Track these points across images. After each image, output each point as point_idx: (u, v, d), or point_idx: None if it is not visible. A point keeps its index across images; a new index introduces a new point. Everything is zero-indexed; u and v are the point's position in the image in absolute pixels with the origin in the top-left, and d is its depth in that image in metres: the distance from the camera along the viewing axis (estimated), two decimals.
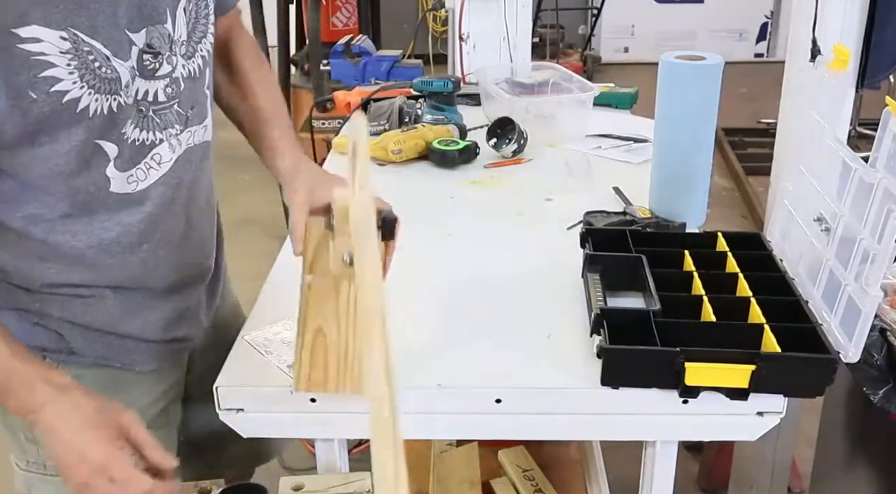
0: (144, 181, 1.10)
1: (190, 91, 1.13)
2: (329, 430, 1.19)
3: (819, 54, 1.50)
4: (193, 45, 1.13)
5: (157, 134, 1.09)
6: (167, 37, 1.06)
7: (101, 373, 1.19)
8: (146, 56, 1.04)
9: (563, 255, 1.45)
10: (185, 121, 1.14)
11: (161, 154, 1.11)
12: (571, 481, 1.80)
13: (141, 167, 1.08)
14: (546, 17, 6.07)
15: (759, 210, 3.88)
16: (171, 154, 1.12)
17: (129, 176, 1.08)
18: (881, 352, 1.30)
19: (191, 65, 1.13)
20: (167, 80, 1.08)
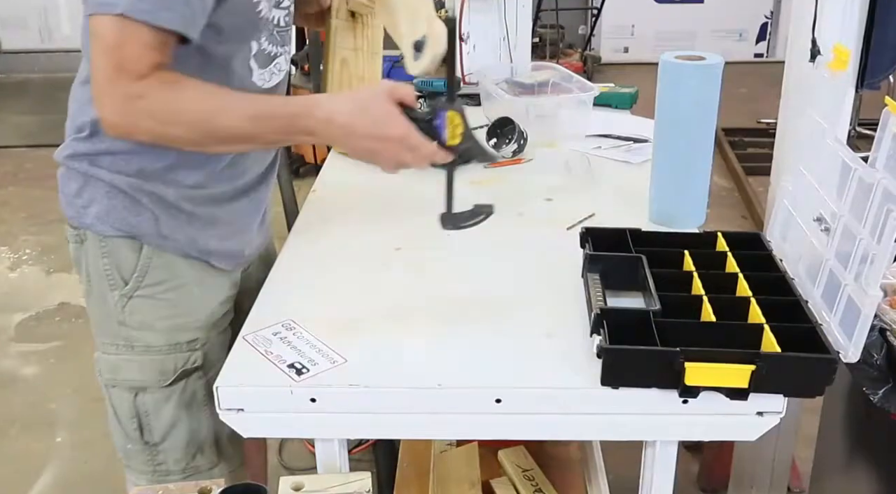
0: (269, 82, 1.36)
1: (290, 17, 1.39)
2: (329, 430, 1.19)
3: (819, 54, 1.50)
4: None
5: (278, 48, 1.36)
6: None
7: (187, 263, 1.35)
8: None
9: (563, 255, 1.45)
10: (289, 41, 1.41)
11: (279, 63, 1.37)
12: (571, 481, 1.80)
13: (268, 70, 1.34)
14: (546, 17, 6.07)
15: (759, 210, 3.88)
16: (285, 65, 1.39)
17: (261, 72, 1.33)
18: (881, 352, 1.30)
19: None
20: (287, 10, 1.34)
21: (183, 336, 1.38)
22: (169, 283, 1.35)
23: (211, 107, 1.19)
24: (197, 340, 1.39)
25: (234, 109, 1.20)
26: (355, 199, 1.27)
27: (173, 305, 1.36)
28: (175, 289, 1.36)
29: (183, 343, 1.38)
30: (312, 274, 1.46)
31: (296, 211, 2.84)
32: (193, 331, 1.38)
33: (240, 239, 1.45)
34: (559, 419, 1.16)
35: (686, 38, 6.82)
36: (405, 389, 1.15)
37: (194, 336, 1.38)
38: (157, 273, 1.33)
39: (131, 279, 1.33)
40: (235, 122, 1.20)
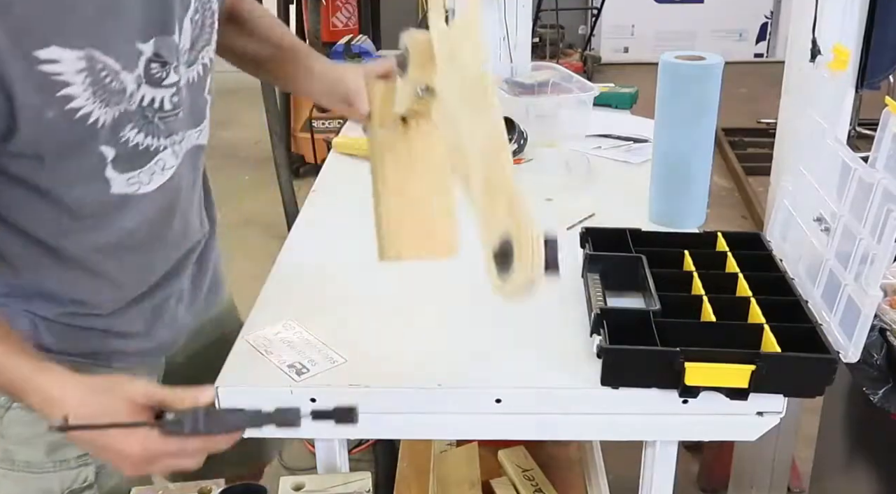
0: (149, 185, 1.10)
1: (191, 98, 1.13)
2: (329, 430, 1.19)
3: (819, 54, 1.50)
4: (196, 52, 1.13)
5: (162, 140, 1.09)
6: (175, 47, 1.06)
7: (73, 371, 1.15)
8: (153, 65, 1.03)
9: (563, 255, 1.44)
10: (188, 126, 1.15)
11: (164, 160, 1.11)
12: (571, 481, 1.80)
13: (144, 171, 1.08)
14: (546, 17, 6.07)
15: (759, 210, 3.88)
16: (175, 160, 1.13)
17: (129, 177, 1.07)
18: (881, 352, 1.30)
19: (191, 72, 1.13)
20: (174, 88, 1.08)
21: (70, 452, 1.18)
22: None
23: None
24: (87, 455, 1.19)
25: None
26: (355, 199, 1.27)
27: None
28: None
29: (70, 459, 1.18)
30: (312, 274, 1.46)
31: (296, 211, 2.84)
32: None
33: (152, 334, 1.25)
34: (559, 419, 1.16)
35: (686, 38, 6.82)
36: (405, 389, 1.15)
37: (83, 450, 1.17)
38: None
39: None
40: None
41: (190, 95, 1.13)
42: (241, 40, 1.35)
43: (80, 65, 0.94)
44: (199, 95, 1.17)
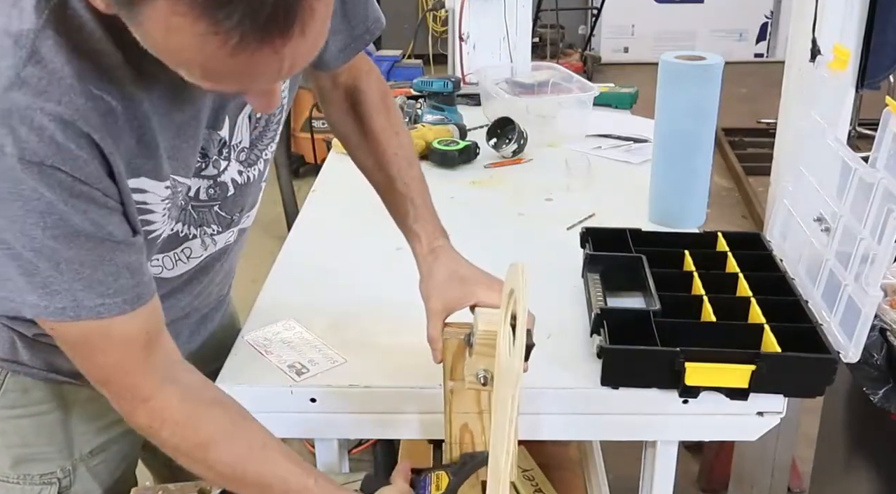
0: (171, 270, 1.06)
1: (240, 196, 1.08)
2: (329, 430, 1.19)
3: (819, 54, 1.50)
4: (258, 151, 1.09)
5: (192, 229, 1.05)
6: (219, 141, 1.02)
7: (51, 388, 1.14)
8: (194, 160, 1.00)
9: (563, 255, 1.45)
10: (228, 224, 1.10)
11: (192, 248, 1.07)
12: (571, 481, 1.80)
13: (169, 256, 1.05)
14: (546, 17, 6.07)
15: (759, 210, 3.88)
16: (203, 251, 1.09)
17: (154, 260, 1.03)
18: (881, 352, 1.30)
19: (250, 171, 1.08)
20: (211, 181, 1.03)
21: (34, 467, 1.16)
22: (22, 409, 1.14)
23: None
24: (53, 474, 1.16)
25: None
26: (355, 199, 1.27)
27: (23, 433, 1.15)
28: (30, 417, 1.14)
29: (35, 475, 1.16)
30: (312, 274, 1.46)
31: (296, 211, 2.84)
32: (49, 463, 1.16)
33: None
34: (559, 419, 1.16)
35: (686, 38, 6.81)
36: (405, 389, 1.15)
37: (49, 469, 1.16)
38: (11, 395, 1.13)
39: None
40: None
41: (240, 194, 1.08)
42: (359, 153, 1.23)
43: (166, 193, 0.94)
44: (254, 192, 1.12)
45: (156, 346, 0.93)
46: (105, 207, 0.85)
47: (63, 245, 0.82)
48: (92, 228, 0.83)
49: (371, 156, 1.21)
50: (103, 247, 0.85)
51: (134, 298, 0.89)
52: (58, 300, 0.85)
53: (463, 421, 1.06)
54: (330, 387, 1.15)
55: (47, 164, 0.79)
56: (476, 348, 0.98)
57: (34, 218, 0.80)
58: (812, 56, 1.52)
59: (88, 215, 0.83)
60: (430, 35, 4.00)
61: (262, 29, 0.68)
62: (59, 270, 0.83)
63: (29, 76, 0.78)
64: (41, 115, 0.78)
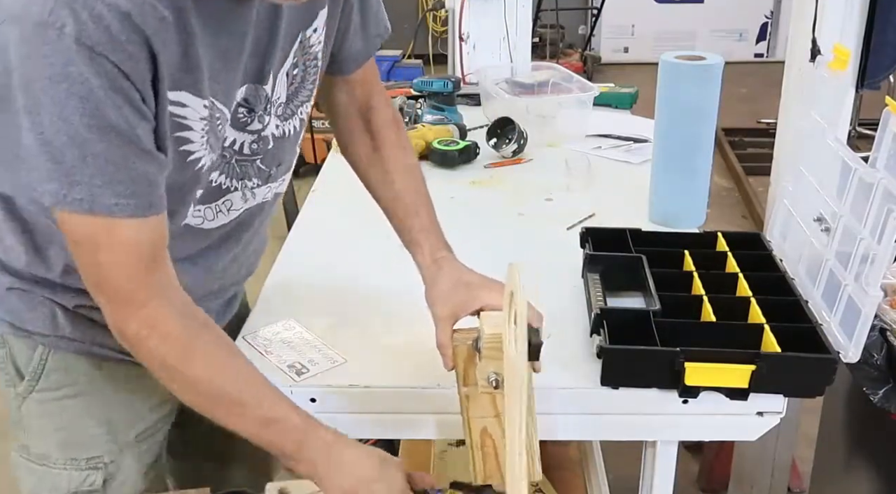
0: (212, 221, 1.11)
1: (278, 150, 1.13)
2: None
3: (819, 54, 1.50)
4: (294, 107, 1.14)
5: (234, 182, 1.10)
6: (264, 97, 1.07)
7: (94, 366, 1.15)
8: (241, 109, 1.05)
9: (563, 255, 1.45)
10: (267, 178, 1.14)
11: (232, 201, 1.11)
12: (571, 481, 1.80)
13: (211, 207, 1.09)
14: (546, 17, 6.07)
15: (759, 210, 3.87)
16: (243, 203, 1.13)
17: (196, 211, 1.08)
18: (881, 352, 1.30)
19: (286, 126, 1.13)
20: (255, 135, 1.09)
21: (81, 452, 1.16)
22: (67, 389, 1.15)
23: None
24: (99, 458, 1.17)
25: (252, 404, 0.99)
26: (355, 199, 1.27)
27: (70, 415, 1.16)
28: (74, 397, 1.15)
29: (81, 459, 1.16)
30: (312, 274, 1.46)
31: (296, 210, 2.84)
32: (96, 447, 1.17)
33: None
34: (559, 419, 1.16)
35: (686, 38, 6.81)
36: (405, 389, 1.15)
37: (96, 453, 1.16)
38: (54, 376, 1.14)
39: (24, 379, 1.14)
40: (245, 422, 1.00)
41: (278, 148, 1.13)
42: (370, 169, 1.26)
43: (204, 113, 0.98)
44: (290, 148, 1.17)
45: (158, 262, 0.96)
46: (139, 112, 0.89)
47: (95, 136, 0.86)
48: (125, 126, 0.87)
49: (380, 171, 1.24)
50: (129, 148, 0.89)
51: (146, 205, 0.92)
52: (77, 191, 0.88)
53: (482, 426, 1.06)
54: (330, 387, 1.15)
55: (97, 51, 0.83)
56: (484, 352, 0.99)
57: (75, 102, 0.84)
58: (812, 56, 1.52)
59: (123, 112, 0.87)
60: (430, 35, 4.00)
61: None
62: (85, 162, 0.87)
63: None
64: (102, 5, 0.83)
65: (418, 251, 1.18)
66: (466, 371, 1.05)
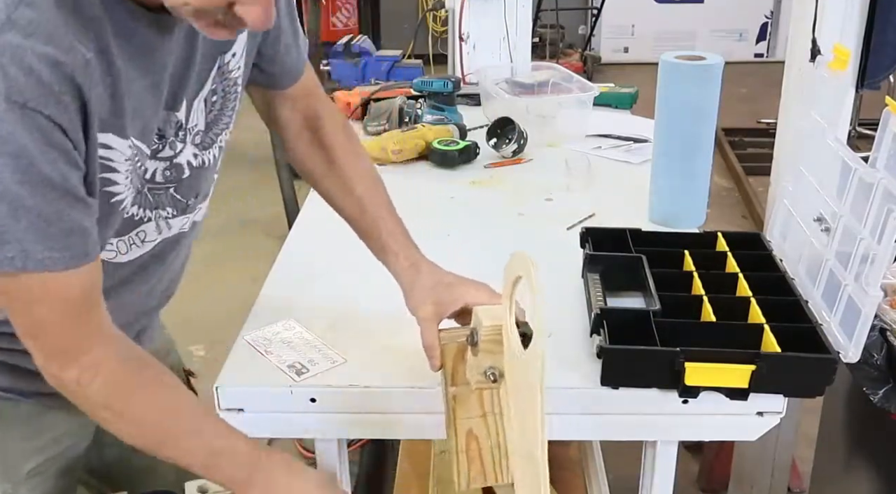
0: (125, 254, 1.06)
1: (195, 180, 1.10)
2: (329, 430, 1.19)
3: (819, 54, 1.50)
4: (213, 136, 1.10)
5: (148, 212, 1.05)
6: (176, 123, 1.04)
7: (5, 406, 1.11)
8: (152, 136, 1.02)
9: (563, 255, 1.45)
10: (184, 209, 1.10)
11: (146, 232, 1.07)
12: (571, 481, 1.80)
13: (124, 240, 1.05)
14: (546, 17, 6.08)
15: (759, 210, 3.88)
16: (157, 235, 1.09)
17: (109, 244, 1.03)
18: (881, 352, 1.30)
19: (205, 155, 1.10)
20: (167, 162, 1.05)
21: None
22: None
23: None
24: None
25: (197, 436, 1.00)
26: None
27: None
28: None
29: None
30: (312, 274, 1.46)
31: (296, 210, 2.84)
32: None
33: None
34: (559, 419, 1.16)
35: (686, 38, 6.81)
36: (405, 389, 1.15)
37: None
38: None
39: None
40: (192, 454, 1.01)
41: (195, 177, 1.09)
42: (325, 181, 1.25)
43: (129, 153, 0.96)
44: (209, 177, 1.14)
45: (95, 305, 0.94)
46: (72, 162, 0.86)
47: (27, 191, 0.83)
48: (59, 178, 0.85)
49: (336, 182, 1.23)
50: (63, 200, 0.86)
51: (81, 255, 0.90)
52: (7, 249, 0.85)
53: (468, 427, 1.05)
54: (330, 387, 1.15)
55: (30, 106, 0.81)
56: (482, 346, 0.98)
57: (5, 159, 0.81)
58: (812, 56, 1.52)
59: (57, 165, 0.84)
60: (430, 35, 4.00)
61: None
62: (17, 217, 0.84)
63: (20, 18, 0.81)
64: (31, 55, 0.81)
65: (391, 258, 1.18)
66: (455, 370, 1.04)
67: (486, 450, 1.05)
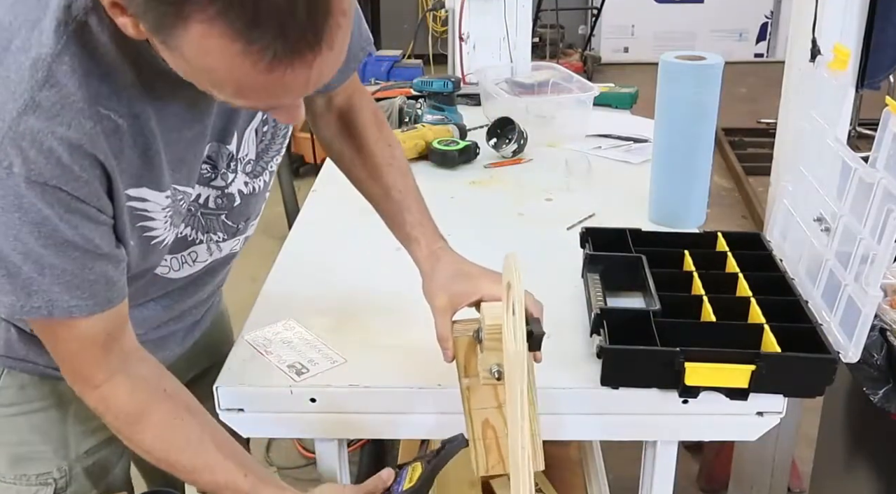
0: (178, 271, 1.10)
1: (246, 206, 1.12)
2: (329, 430, 1.19)
3: (819, 54, 1.50)
4: (264, 163, 1.12)
5: (200, 234, 1.09)
6: (227, 155, 1.05)
7: (49, 385, 1.14)
8: (204, 166, 1.04)
9: (563, 255, 1.45)
10: (234, 232, 1.13)
11: (198, 253, 1.10)
12: (571, 481, 1.80)
13: (177, 258, 1.08)
14: (546, 17, 6.08)
15: (759, 210, 3.88)
16: (208, 256, 1.12)
17: (167, 260, 1.07)
18: (881, 352, 1.30)
19: (256, 182, 1.12)
20: (219, 191, 1.07)
21: (31, 467, 1.16)
22: (18, 407, 1.15)
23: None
24: (49, 474, 1.17)
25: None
26: (355, 199, 1.27)
27: (20, 431, 1.16)
28: (26, 414, 1.15)
29: (31, 475, 1.16)
30: (312, 274, 1.46)
31: (296, 210, 2.84)
32: (46, 462, 1.17)
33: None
34: (559, 419, 1.16)
35: (686, 38, 6.82)
36: (405, 389, 1.15)
37: (46, 468, 1.17)
38: (7, 393, 1.14)
39: None
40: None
41: (246, 204, 1.11)
42: (354, 168, 1.25)
43: (166, 202, 0.97)
44: (259, 202, 1.16)
45: (114, 343, 0.98)
46: (96, 222, 0.89)
47: (51, 252, 0.86)
48: (81, 241, 0.88)
49: (365, 169, 1.23)
50: (87, 256, 0.89)
51: (104, 302, 0.93)
52: (34, 299, 0.89)
53: (483, 417, 1.05)
54: (330, 387, 1.15)
55: (50, 185, 0.83)
56: (485, 343, 0.98)
57: (29, 227, 0.84)
58: (812, 56, 1.51)
59: (80, 230, 0.87)
60: (430, 35, 4.00)
61: (293, 46, 0.72)
62: (42, 274, 0.87)
63: (43, 99, 0.82)
64: (51, 139, 0.82)
65: (415, 245, 1.18)
66: (468, 362, 1.05)
67: (502, 439, 1.05)
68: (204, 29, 0.70)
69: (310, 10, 0.70)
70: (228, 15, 0.69)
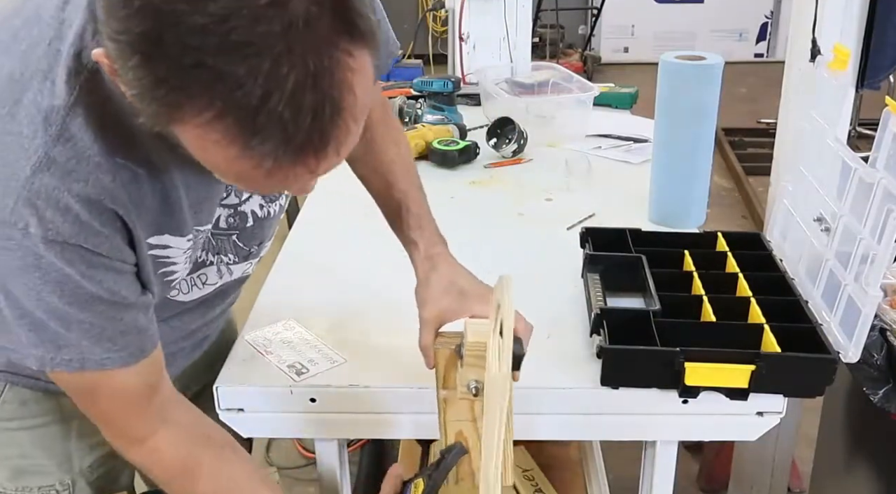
0: (187, 294, 1.08)
1: (258, 229, 1.10)
2: (329, 430, 1.19)
3: (819, 54, 1.50)
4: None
5: (210, 256, 1.07)
6: None
7: (50, 399, 1.13)
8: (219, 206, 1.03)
9: (563, 255, 1.45)
10: (246, 256, 1.11)
11: (208, 275, 1.09)
12: (571, 481, 1.80)
13: (186, 280, 1.06)
14: (546, 17, 6.08)
15: (759, 210, 3.88)
16: (218, 278, 1.10)
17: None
18: (881, 352, 1.30)
19: (271, 206, 1.10)
20: (231, 210, 1.05)
21: (33, 480, 1.16)
22: (20, 421, 1.14)
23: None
24: (52, 487, 1.17)
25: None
26: (355, 199, 1.27)
27: (21, 445, 1.15)
28: (28, 429, 1.14)
29: (33, 488, 1.16)
30: (312, 274, 1.46)
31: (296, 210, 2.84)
32: (49, 476, 1.16)
33: None
34: (559, 419, 1.16)
35: (686, 38, 6.82)
36: (405, 389, 1.15)
37: (48, 482, 1.16)
38: (7, 408, 1.12)
39: None
40: None
41: (259, 226, 1.10)
42: (357, 165, 1.23)
43: (187, 245, 0.96)
44: (273, 225, 1.14)
45: (155, 393, 0.97)
46: (120, 272, 0.87)
47: (76, 309, 0.84)
48: (107, 294, 0.86)
49: (369, 165, 1.22)
50: (114, 308, 0.87)
51: (138, 351, 0.92)
52: (64, 352, 0.87)
53: (458, 429, 1.06)
54: (330, 387, 1.15)
55: (70, 243, 0.81)
56: (466, 359, 0.98)
57: (51, 287, 0.82)
58: (812, 56, 1.51)
59: (104, 284, 0.85)
60: (430, 35, 4.00)
61: (296, 152, 0.68)
62: (70, 329, 0.85)
63: (58, 155, 0.79)
64: (68, 196, 0.79)
65: (412, 247, 1.17)
66: (447, 374, 1.04)
67: (475, 451, 1.06)
68: (201, 132, 0.67)
69: (316, 114, 0.66)
70: (225, 120, 0.65)
